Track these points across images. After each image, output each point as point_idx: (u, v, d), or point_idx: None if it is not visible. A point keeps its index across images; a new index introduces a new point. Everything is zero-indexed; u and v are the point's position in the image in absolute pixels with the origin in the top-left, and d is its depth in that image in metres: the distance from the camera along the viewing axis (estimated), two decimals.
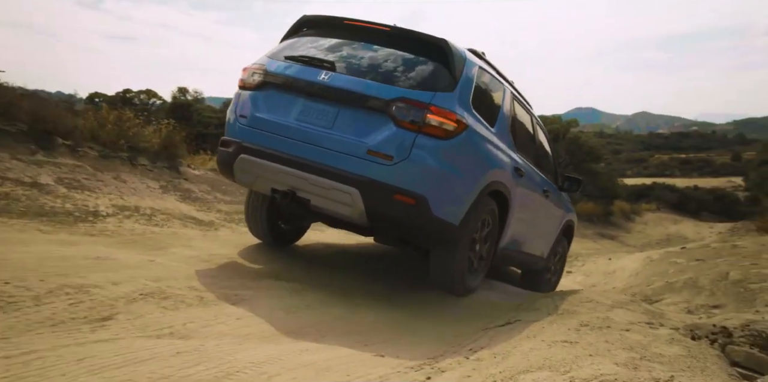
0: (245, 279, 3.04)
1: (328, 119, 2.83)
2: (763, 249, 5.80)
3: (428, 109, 2.71)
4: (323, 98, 2.86)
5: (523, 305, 3.42)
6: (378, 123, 2.74)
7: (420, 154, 2.70)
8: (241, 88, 3.14)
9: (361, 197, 2.70)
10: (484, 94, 3.26)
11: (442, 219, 2.83)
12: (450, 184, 2.87)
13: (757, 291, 3.89)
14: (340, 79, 2.85)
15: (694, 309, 3.97)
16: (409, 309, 3.12)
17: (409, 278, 3.95)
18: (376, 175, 2.69)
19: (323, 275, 3.53)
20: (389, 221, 2.86)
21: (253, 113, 2.99)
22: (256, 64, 3.14)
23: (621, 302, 3.46)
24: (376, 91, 2.78)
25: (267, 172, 2.92)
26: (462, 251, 3.10)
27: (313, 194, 2.84)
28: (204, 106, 24.97)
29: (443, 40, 2.97)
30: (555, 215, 4.56)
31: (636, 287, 5.15)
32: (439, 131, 2.73)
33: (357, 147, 2.73)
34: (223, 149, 3.10)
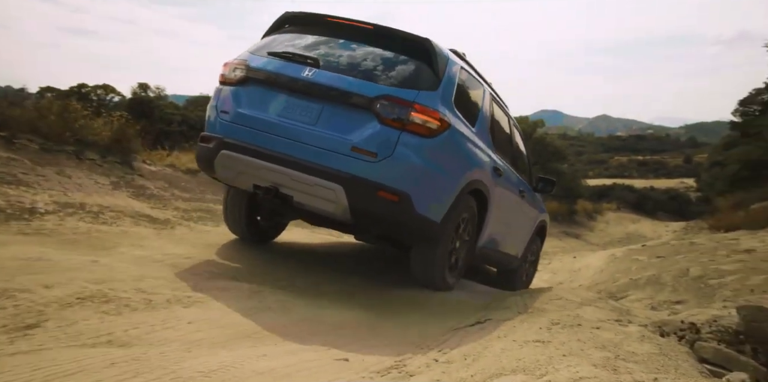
0: (201, 280, 2.83)
1: (311, 116, 2.81)
2: (718, 246, 5.99)
3: (412, 108, 2.72)
4: (307, 95, 2.84)
5: (492, 303, 3.35)
6: (362, 120, 2.74)
7: (404, 152, 2.71)
8: (222, 83, 3.08)
9: (345, 193, 2.69)
10: (465, 94, 3.27)
11: (425, 216, 2.84)
12: (433, 182, 2.88)
13: (716, 287, 3.97)
14: (325, 75, 2.83)
15: (657, 305, 4.02)
16: (375, 309, 2.99)
17: (375, 277, 3.82)
18: (360, 172, 2.69)
19: (285, 275, 3.36)
20: (372, 217, 2.85)
21: (236, 109, 2.94)
22: (237, 59, 3.09)
23: (589, 299, 3.45)
24: (361, 89, 2.77)
25: (249, 169, 2.87)
26: (443, 248, 3.10)
27: (297, 191, 2.81)
28: (166, 103, 24.06)
29: (426, 39, 2.97)
30: (530, 215, 4.61)
31: (602, 284, 5.21)
32: (423, 129, 2.75)
33: (341, 144, 2.72)
34: (203, 145, 3.03)
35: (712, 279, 4.15)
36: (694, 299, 3.97)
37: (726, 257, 5.10)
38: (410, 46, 3.00)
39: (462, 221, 3.22)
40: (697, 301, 3.92)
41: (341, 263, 4.05)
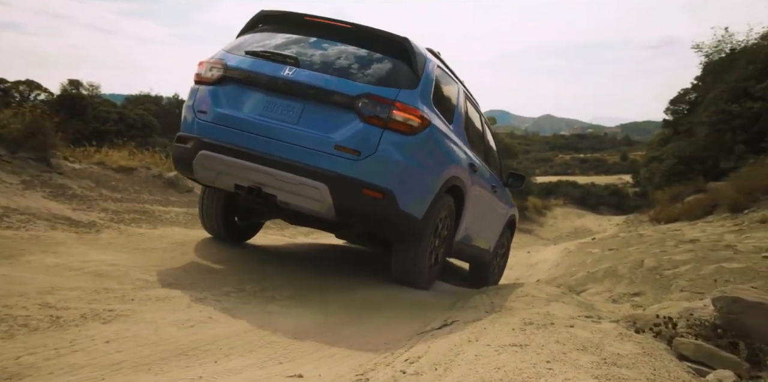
0: (129, 290, 2.45)
1: (293, 114, 2.80)
2: (665, 237, 6.18)
3: (394, 106, 2.74)
4: (287, 94, 2.82)
5: (458, 303, 3.16)
6: (344, 119, 2.75)
7: (387, 150, 2.72)
8: (198, 82, 3.04)
9: (329, 191, 2.68)
10: (442, 92, 3.30)
11: (408, 213, 2.87)
12: (415, 179, 2.91)
13: (671, 277, 4.00)
14: (305, 74, 2.82)
15: (617, 298, 4.00)
16: (333, 314, 2.72)
17: (335, 279, 3.54)
18: (344, 170, 2.69)
19: (234, 280, 3.02)
20: (357, 215, 2.85)
21: (214, 108, 2.90)
22: (213, 58, 3.05)
23: (555, 295, 3.34)
24: (342, 87, 2.78)
25: (230, 169, 2.82)
26: (424, 245, 3.12)
27: (280, 190, 2.78)
28: (101, 101, 22.38)
29: (405, 38, 2.99)
30: (501, 210, 4.70)
31: (560, 278, 5.19)
32: (405, 127, 2.76)
33: (324, 142, 2.71)
34: (180, 145, 2.96)
35: (667, 270, 4.20)
36: (651, 290, 3.98)
37: (674, 247, 5.23)
38: (389, 45, 3.00)
39: (442, 217, 3.23)
40: (654, 292, 3.93)
41: (298, 264, 3.73)
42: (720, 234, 5.84)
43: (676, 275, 4.01)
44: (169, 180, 5.26)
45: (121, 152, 5.24)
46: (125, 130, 18.35)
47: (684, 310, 2.26)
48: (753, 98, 11.55)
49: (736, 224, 6.52)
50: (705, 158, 12.70)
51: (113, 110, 19.30)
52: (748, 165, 10.51)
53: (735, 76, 12.31)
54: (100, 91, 28.32)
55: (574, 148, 79.99)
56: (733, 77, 12.33)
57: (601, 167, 63.88)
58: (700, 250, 4.53)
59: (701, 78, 17.14)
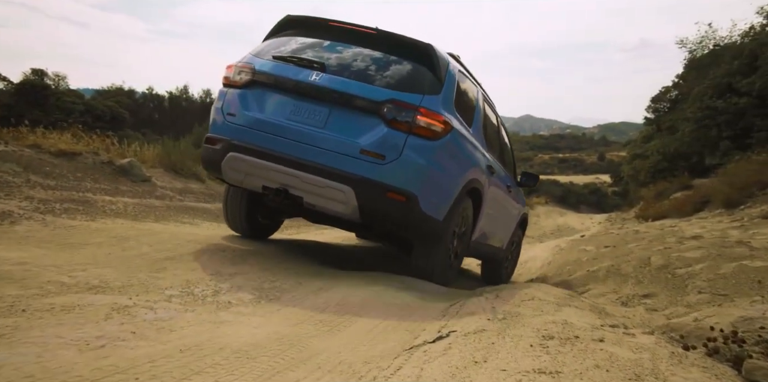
0: (27, 296, 1.86)
1: (320, 119, 2.86)
2: (663, 233, 5.82)
3: (418, 111, 2.80)
4: (314, 98, 2.88)
5: (452, 307, 2.66)
6: (370, 123, 2.81)
7: (411, 155, 2.78)
8: (227, 85, 3.11)
9: (354, 194, 2.75)
10: (463, 96, 3.34)
11: (430, 215, 2.93)
12: (437, 183, 2.96)
13: (685, 277, 3.58)
14: (331, 79, 2.88)
15: (626, 300, 3.56)
16: (301, 323, 2.19)
17: (309, 275, 2.99)
18: (369, 174, 2.75)
19: (180, 280, 2.45)
20: (381, 217, 2.91)
21: (243, 111, 2.97)
22: (242, 62, 3.12)
23: (562, 297, 2.87)
24: (367, 93, 2.83)
25: (258, 170, 2.90)
26: (444, 245, 3.16)
27: (306, 192, 2.85)
28: (65, 91, 21.15)
29: (429, 44, 3.05)
30: (514, 209, 4.82)
31: (556, 277, 4.75)
32: (428, 132, 2.81)
33: (350, 146, 2.77)
34: (210, 146, 3.04)
35: (678, 268, 3.78)
36: (664, 291, 3.55)
37: (678, 243, 4.85)
38: (413, 50, 3.05)
39: (461, 218, 3.28)
40: (667, 293, 3.50)
41: (273, 260, 3.17)
42: (722, 230, 5.49)
43: (690, 275, 3.59)
44: (120, 168, 4.60)
45: (63, 135, 4.56)
46: (92, 122, 17.33)
47: (739, 320, 1.80)
48: (738, 94, 11.42)
49: (735, 220, 6.21)
50: (690, 155, 12.56)
51: (79, 101, 18.21)
52: (735, 161, 10.35)
53: (720, 71, 12.18)
54: (67, 82, 26.95)
55: (554, 148, 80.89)
56: (718, 73, 12.20)
57: (580, 167, 64.82)
58: (710, 247, 4.13)
59: (683, 75, 17.12)
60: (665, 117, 17.51)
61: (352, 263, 4.29)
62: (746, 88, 11.14)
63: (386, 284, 3.13)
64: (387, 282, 3.19)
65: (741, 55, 11.83)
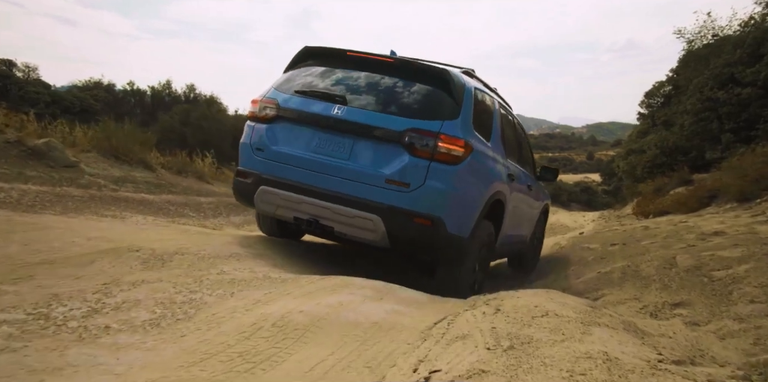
0: None
1: (344, 150, 2.96)
2: (678, 228, 5.16)
3: (438, 138, 2.85)
4: (338, 131, 2.97)
5: (436, 327, 1.93)
6: (393, 153, 2.88)
7: (435, 181, 2.84)
8: (252, 120, 3.24)
9: (383, 222, 2.83)
10: (481, 113, 3.36)
11: (456, 235, 2.97)
12: (462, 204, 3.01)
13: (727, 281, 2.89)
14: (353, 112, 2.98)
15: (654, 310, 2.85)
16: (207, 360, 1.44)
17: (237, 289, 2.23)
18: (395, 202, 2.83)
19: (33, 297, 1.68)
20: (409, 242, 2.96)
21: (270, 146, 3.09)
22: (266, 98, 3.22)
23: (584, 310, 2.14)
24: (388, 123, 2.91)
25: (289, 203, 3.00)
26: (469, 262, 3.20)
27: (336, 222, 2.93)
28: (34, 80, 20.00)
29: (445, 70, 3.10)
30: (536, 205, 4.92)
31: (561, 281, 4.04)
32: (450, 157, 2.86)
33: (375, 177, 2.87)
34: (242, 180, 3.18)
35: (716, 270, 3.08)
36: (701, 298, 2.85)
37: (702, 241, 4.18)
38: (430, 77, 3.11)
39: (485, 230, 3.34)
40: (706, 302, 2.81)
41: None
42: (747, 225, 4.84)
43: (734, 279, 2.89)
44: (34, 150, 3.79)
45: None
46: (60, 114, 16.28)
47: None
48: (741, 84, 10.86)
49: (756, 215, 5.57)
50: (689, 149, 12.00)
51: (44, 92, 17.15)
52: (739, 155, 9.78)
53: (720, 61, 11.63)
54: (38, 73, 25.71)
55: (543, 147, 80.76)
56: (719, 63, 11.64)
57: (569, 166, 64.85)
58: (749, 245, 3.45)
59: (678, 69, 16.61)
60: (659, 112, 17.01)
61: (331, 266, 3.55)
62: (750, 77, 10.59)
63: (353, 291, 2.40)
64: (355, 289, 2.45)
65: (743, 45, 11.28)
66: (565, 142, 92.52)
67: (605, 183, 33.94)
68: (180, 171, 5.81)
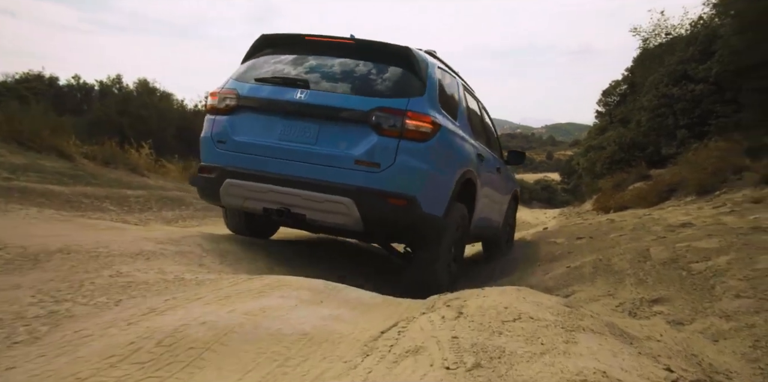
0: None
1: (310, 135, 2.89)
2: (644, 221, 4.98)
3: (406, 116, 2.81)
4: (302, 116, 2.91)
5: (383, 337, 1.52)
6: (360, 134, 2.83)
7: (405, 159, 2.80)
8: (212, 113, 3.13)
9: (355, 205, 2.75)
10: (446, 91, 3.35)
11: (430, 214, 2.95)
12: (435, 182, 2.99)
13: (708, 275, 2.63)
14: (317, 96, 2.91)
15: (632, 307, 2.56)
16: None
17: (127, 296, 1.75)
18: (367, 183, 2.78)
19: None
20: (384, 224, 2.90)
21: (233, 137, 3.00)
22: (225, 88, 3.13)
23: (561, 311, 1.78)
24: (354, 104, 2.87)
25: (256, 194, 2.91)
26: (446, 243, 3.14)
27: (308, 209, 2.84)
28: None
29: (406, 47, 3.08)
30: (506, 188, 4.99)
31: (529, 277, 3.73)
32: (419, 135, 2.83)
33: (344, 159, 2.80)
34: (205, 176, 3.06)
35: (694, 263, 2.83)
36: (681, 294, 2.58)
37: (672, 232, 3.97)
38: (391, 56, 3.08)
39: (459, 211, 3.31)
40: (687, 297, 2.54)
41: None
42: (712, 216, 4.71)
43: (716, 272, 2.64)
44: None
45: None
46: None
47: None
48: (694, 81, 11.09)
49: (718, 206, 5.50)
50: (646, 145, 12.19)
51: None
52: (693, 150, 9.95)
53: (674, 58, 11.86)
54: None
55: (505, 147, 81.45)
56: (673, 60, 11.88)
57: (530, 166, 66.48)
58: (725, 235, 3.24)
59: (633, 68, 17.02)
60: (616, 110, 17.36)
61: (284, 264, 3.09)
62: (702, 74, 10.82)
63: (285, 294, 1.97)
64: (289, 291, 2.02)
65: (696, 42, 11.54)
66: (525, 142, 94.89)
67: (564, 182, 34.79)
68: (108, 162, 5.17)
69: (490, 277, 4.59)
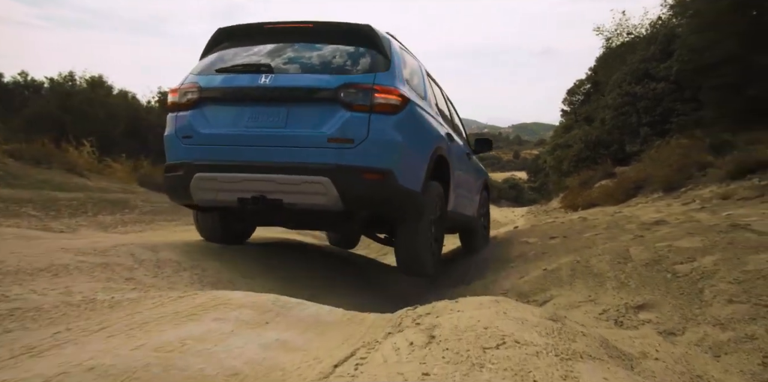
0: None
1: (279, 119, 2.85)
2: (618, 218, 4.86)
3: (374, 89, 2.82)
4: (269, 100, 2.88)
5: (335, 373, 1.21)
6: (330, 111, 2.82)
7: (377, 133, 2.78)
8: (175, 109, 3.06)
9: (332, 183, 2.72)
10: (411, 71, 3.37)
11: (408, 188, 2.94)
12: (409, 155, 2.98)
13: (695, 277, 2.45)
14: (282, 78, 2.91)
15: (617, 315, 2.34)
16: None
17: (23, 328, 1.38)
18: (342, 160, 2.74)
19: None
20: (363, 200, 2.86)
21: (199, 131, 2.93)
22: (186, 83, 3.08)
23: (550, 330, 1.52)
24: (321, 83, 2.85)
25: (229, 184, 2.85)
26: (426, 220, 3.15)
27: (284, 193, 2.80)
28: None
29: (367, 25, 3.10)
30: (477, 176, 5.02)
31: (502, 280, 3.50)
32: (389, 107, 2.84)
33: (317, 138, 2.77)
34: (173, 175, 3.00)
35: (679, 264, 2.65)
36: (667, 298, 2.39)
37: (647, 230, 3.83)
38: (353, 35, 3.08)
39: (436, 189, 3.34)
40: (674, 302, 2.35)
41: None
42: (684, 213, 4.63)
43: (703, 274, 2.46)
44: None
45: None
46: None
47: None
48: (656, 79, 11.29)
49: (685, 203, 5.47)
50: (610, 142, 12.35)
51: None
52: (655, 147, 10.10)
53: (636, 57, 12.06)
54: None
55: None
56: (635, 59, 12.08)
57: (497, 165, 67.61)
58: (705, 233, 3.09)
59: (596, 68, 17.32)
60: (581, 108, 17.65)
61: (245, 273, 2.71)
62: (663, 72, 11.02)
63: (222, 315, 1.64)
64: (227, 311, 1.69)
65: (656, 41, 11.76)
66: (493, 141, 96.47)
67: (531, 180, 35.37)
68: (39, 161, 4.63)
69: (461, 279, 4.35)
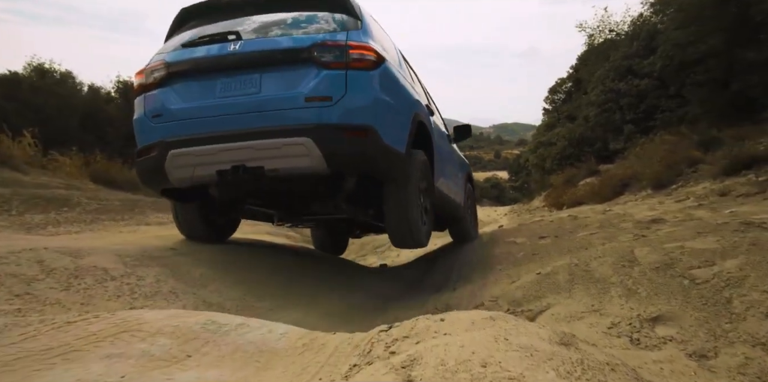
0: None
1: (253, 84, 2.79)
2: (610, 217, 4.55)
3: (348, 46, 2.79)
4: (241, 67, 2.82)
5: None
6: (305, 71, 2.76)
7: (355, 88, 2.73)
8: (141, 91, 2.99)
9: (315, 143, 2.66)
10: (382, 38, 3.29)
11: (392, 147, 2.90)
12: (389, 112, 2.94)
13: (720, 285, 2.10)
14: (252, 43, 2.87)
15: (631, 330, 1.98)
16: None
17: None
18: (322, 119, 2.69)
19: None
20: (347, 159, 2.79)
21: (169, 108, 2.88)
22: (152, 63, 3.02)
23: (568, 363, 1.12)
24: (293, 43, 2.82)
25: (206, 158, 2.79)
26: (413, 184, 3.12)
27: (265, 159, 2.74)
28: None
29: None
30: (461, 164, 5.07)
31: (491, 285, 3.11)
32: (365, 63, 2.81)
33: (294, 99, 2.72)
34: (144, 158, 2.92)
35: (696, 269, 2.30)
36: (689, 310, 2.04)
37: (646, 228, 3.51)
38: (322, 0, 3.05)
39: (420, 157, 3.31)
40: (697, 315, 1.99)
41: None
42: (680, 210, 4.34)
43: (728, 281, 2.11)
44: None
45: None
46: None
47: None
48: (639, 76, 11.14)
49: (678, 200, 5.20)
50: (594, 140, 12.18)
51: None
52: (640, 145, 9.93)
53: (619, 54, 11.92)
54: None
55: None
56: (618, 55, 11.93)
57: (479, 164, 67.99)
58: (714, 231, 2.76)
59: (578, 66, 17.23)
60: (563, 107, 17.54)
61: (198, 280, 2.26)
62: (647, 69, 10.88)
63: (126, 348, 1.21)
64: (134, 342, 1.26)
65: (639, 38, 11.63)
66: (474, 141, 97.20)
67: (512, 180, 35.42)
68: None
69: (445, 283, 3.96)
